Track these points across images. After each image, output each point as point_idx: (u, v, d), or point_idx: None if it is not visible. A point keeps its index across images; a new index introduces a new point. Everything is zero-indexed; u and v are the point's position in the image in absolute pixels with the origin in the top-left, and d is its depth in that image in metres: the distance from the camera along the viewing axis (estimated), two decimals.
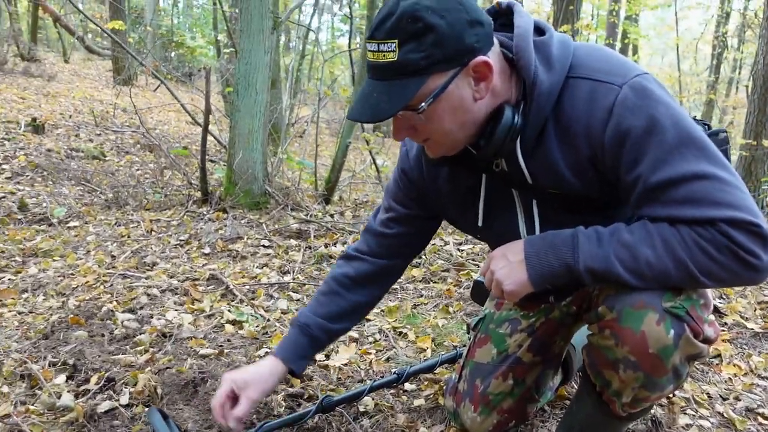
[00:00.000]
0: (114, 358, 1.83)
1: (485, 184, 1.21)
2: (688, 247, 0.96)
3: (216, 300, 2.52)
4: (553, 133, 1.06)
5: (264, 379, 1.30)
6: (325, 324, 1.37)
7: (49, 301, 2.59)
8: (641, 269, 1.00)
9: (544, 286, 1.10)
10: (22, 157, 5.39)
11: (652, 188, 0.98)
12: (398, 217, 1.37)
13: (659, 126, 0.97)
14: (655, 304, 1.02)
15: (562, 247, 1.06)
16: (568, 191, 1.10)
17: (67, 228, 3.93)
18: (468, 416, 1.44)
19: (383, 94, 0.99)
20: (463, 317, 2.29)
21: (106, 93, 9.82)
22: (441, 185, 1.27)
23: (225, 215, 4.09)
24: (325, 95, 5.62)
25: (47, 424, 1.46)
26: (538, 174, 1.11)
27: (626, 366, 1.08)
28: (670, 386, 1.10)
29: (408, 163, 1.32)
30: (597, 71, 1.03)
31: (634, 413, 1.21)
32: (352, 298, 1.40)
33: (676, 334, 1.02)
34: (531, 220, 1.19)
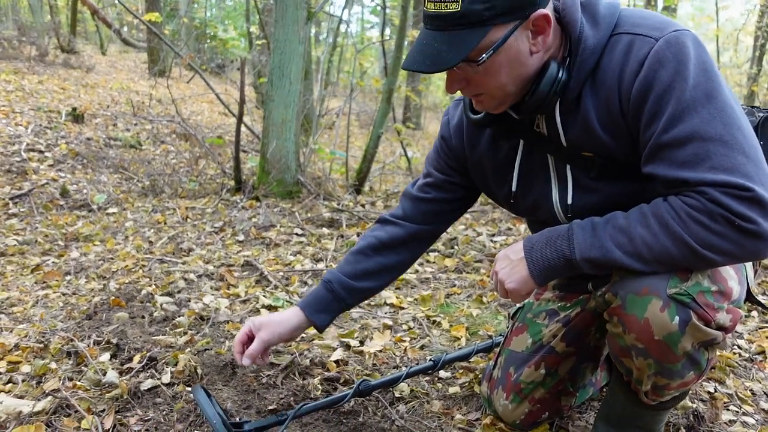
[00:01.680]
0: (155, 339, 1.88)
1: (522, 148, 1.22)
2: (682, 220, 0.94)
3: (251, 286, 2.56)
4: (590, 90, 1.07)
5: (280, 322, 1.34)
6: (346, 281, 1.38)
7: (91, 283, 2.67)
8: (640, 251, 0.99)
9: (546, 281, 1.11)
10: (63, 145, 5.55)
11: (660, 146, 0.98)
12: (436, 182, 1.39)
13: (683, 82, 0.96)
14: (659, 290, 1.00)
15: (558, 241, 1.07)
16: (601, 152, 1.10)
17: (106, 214, 4.04)
18: (500, 403, 1.43)
19: (444, 44, 1.00)
20: (498, 307, 2.27)
21: (141, 84, 10.03)
22: (480, 152, 1.29)
23: (258, 204, 4.15)
24: (357, 86, 5.62)
25: (94, 399, 1.50)
26: (573, 134, 1.10)
27: (637, 353, 1.08)
28: (689, 373, 1.08)
29: (448, 132, 1.34)
30: (638, 26, 1.03)
31: (664, 402, 1.19)
32: (379, 260, 1.40)
33: (682, 320, 0.99)
34: (564, 187, 1.18)
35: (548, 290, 1.48)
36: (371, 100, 11.67)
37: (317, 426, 1.45)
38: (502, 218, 3.62)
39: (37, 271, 2.87)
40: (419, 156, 7.48)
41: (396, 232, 1.40)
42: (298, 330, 1.38)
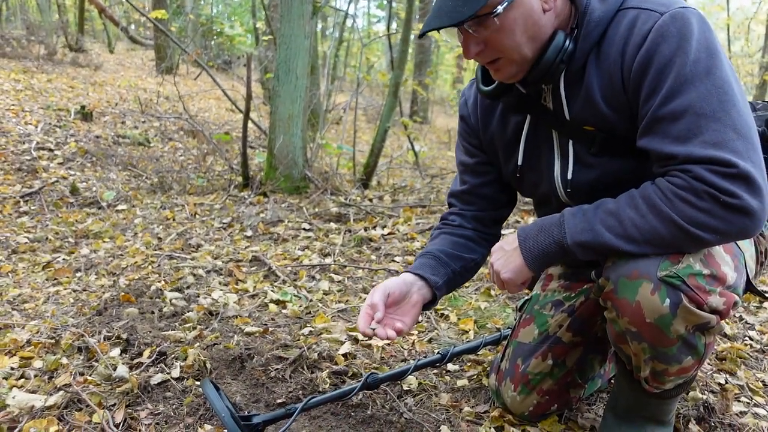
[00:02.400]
0: (164, 334, 1.89)
1: (528, 124, 1.24)
2: (668, 199, 0.96)
3: (259, 281, 2.57)
4: (594, 62, 1.08)
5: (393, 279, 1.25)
6: (446, 250, 1.34)
7: (101, 279, 2.69)
8: (629, 232, 1.00)
9: (541, 268, 1.13)
10: (72, 143, 5.59)
11: (656, 119, 0.99)
12: (469, 169, 1.40)
13: (684, 56, 0.97)
14: (649, 273, 1.01)
15: (550, 228, 1.09)
16: (602, 126, 1.11)
17: (115, 211, 4.07)
18: (508, 395, 1.43)
19: (459, 0, 1.02)
20: (506, 300, 2.27)
21: (149, 81, 10.07)
22: (492, 129, 1.31)
23: (266, 199, 4.16)
24: (364, 80, 5.61)
25: (105, 393, 1.52)
26: (577, 107, 1.12)
27: (631, 337, 1.09)
28: (687, 358, 1.08)
29: (467, 110, 1.37)
30: (645, 1, 1.05)
31: (667, 390, 1.19)
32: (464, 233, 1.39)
33: (673, 303, 1.00)
34: (565, 163, 1.19)
35: (554, 280, 1.48)
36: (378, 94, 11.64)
37: (326, 419, 1.46)
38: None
39: (48, 268, 2.90)
40: (426, 150, 7.46)
41: (460, 219, 1.41)
42: (412, 285, 1.25)
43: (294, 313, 2.16)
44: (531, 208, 3.74)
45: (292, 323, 2.07)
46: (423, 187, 4.79)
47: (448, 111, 16.42)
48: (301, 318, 2.13)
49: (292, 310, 2.18)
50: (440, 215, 1.47)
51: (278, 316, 2.15)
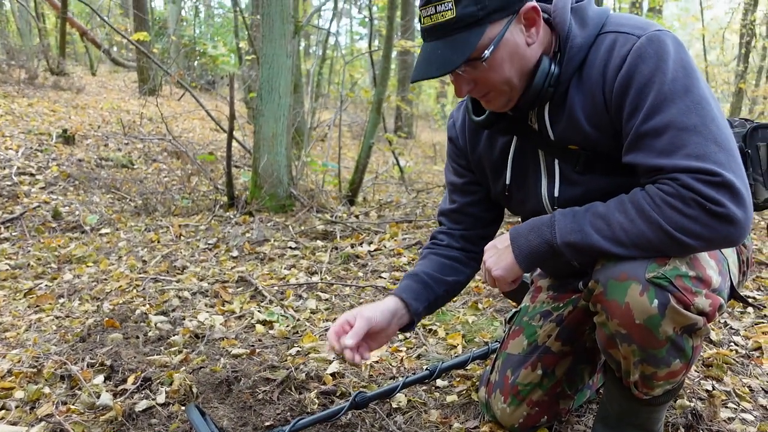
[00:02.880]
0: (149, 359, 1.87)
1: (515, 144, 1.27)
2: (657, 205, 0.99)
3: (246, 301, 2.55)
4: (576, 85, 1.13)
5: (378, 307, 1.26)
6: (432, 273, 1.36)
7: (85, 305, 2.65)
8: (617, 235, 1.03)
9: (531, 266, 1.15)
10: (54, 167, 5.53)
11: (640, 136, 1.03)
12: (458, 188, 1.43)
13: (662, 75, 1.01)
14: (637, 274, 1.03)
15: (541, 227, 1.11)
16: (586, 145, 1.15)
17: (99, 235, 4.02)
18: (498, 407, 1.43)
19: (447, 49, 1.06)
20: (493, 313, 2.27)
21: (132, 103, 10.03)
22: (480, 150, 1.34)
23: (251, 219, 4.14)
24: (347, 97, 5.64)
25: (88, 423, 1.49)
26: (560, 127, 1.16)
27: (621, 340, 1.11)
28: (675, 361, 1.10)
29: (455, 132, 1.40)
30: (622, 26, 1.10)
31: (656, 396, 1.19)
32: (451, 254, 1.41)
33: (661, 303, 1.02)
34: (552, 181, 1.23)
35: (543, 292, 1.49)
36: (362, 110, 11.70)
37: None
38: None
39: (30, 295, 2.85)
40: (412, 165, 7.50)
41: (449, 239, 1.43)
42: (395, 315, 1.28)
43: (281, 333, 2.15)
44: (518, 220, 3.76)
45: (279, 344, 2.05)
46: (409, 202, 4.81)
47: (433, 126, 16.54)
48: (289, 338, 2.12)
49: (279, 331, 2.16)
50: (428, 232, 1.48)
51: (265, 337, 2.13)
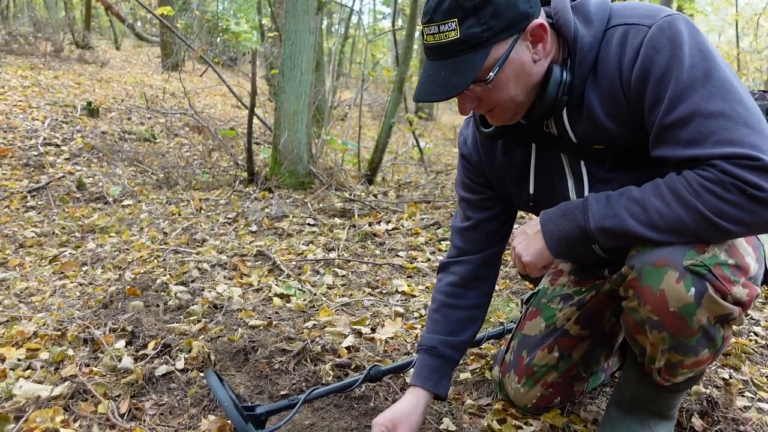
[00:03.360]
0: (169, 327, 1.91)
1: (535, 152, 1.23)
2: (695, 190, 0.96)
3: (263, 275, 2.58)
4: (592, 85, 1.09)
5: (410, 412, 1.27)
6: (450, 339, 1.34)
7: (107, 273, 2.71)
8: (654, 220, 1.00)
9: (563, 252, 1.12)
10: (79, 139, 5.62)
11: (664, 128, 1.00)
12: (473, 204, 1.38)
13: (679, 64, 0.98)
14: (675, 261, 1.00)
15: (574, 212, 1.08)
16: (611, 144, 1.11)
17: (121, 206, 4.09)
18: (512, 387, 1.44)
19: (451, 72, 1.03)
20: (509, 295, 2.27)
21: (155, 78, 10.10)
22: (497, 163, 1.30)
23: (270, 195, 4.17)
24: (369, 76, 5.61)
25: (110, 384, 1.53)
26: (582, 130, 1.12)
27: (651, 326, 1.08)
28: (704, 350, 1.08)
29: (467, 149, 1.35)
30: (630, 17, 1.06)
31: (677, 383, 1.19)
32: (466, 303, 1.38)
33: (698, 292, 1.00)
34: (580, 182, 1.19)
35: (564, 276, 1.48)
36: (383, 90, 11.62)
37: (328, 410, 1.47)
38: None
39: (54, 262, 2.92)
40: (431, 146, 7.46)
41: (463, 270, 1.39)
42: (426, 408, 1.32)
43: (298, 306, 2.17)
44: None
45: (296, 317, 2.08)
46: (428, 183, 4.79)
47: (453, 107, 16.38)
48: (305, 312, 2.14)
49: (296, 304, 2.19)
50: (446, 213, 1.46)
51: (282, 310, 2.16)
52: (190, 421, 1.40)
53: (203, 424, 1.38)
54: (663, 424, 1.29)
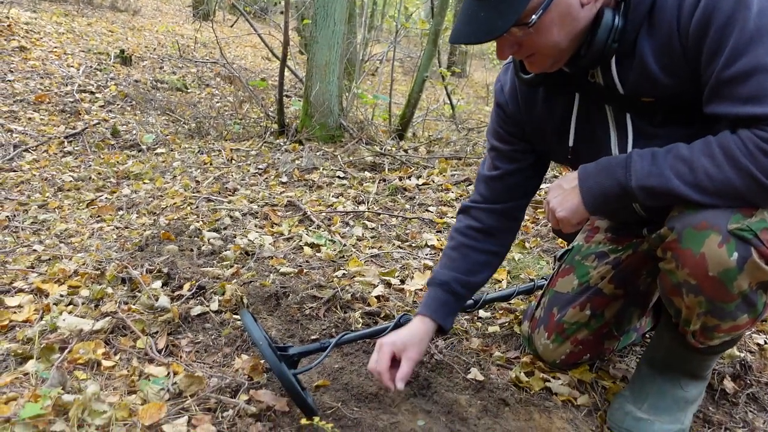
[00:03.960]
0: (203, 270, 1.95)
1: (578, 102, 1.17)
2: (749, 151, 0.91)
3: (294, 225, 2.60)
4: (646, 33, 1.02)
5: (419, 339, 1.27)
6: (462, 278, 1.33)
7: (142, 218, 2.77)
8: (701, 181, 0.95)
9: (599, 209, 1.08)
10: (113, 86, 5.67)
11: (722, 82, 0.93)
12: (503, 154, 1.34)
13: (745, 10, 0.90)
14: (719, 224, 0.96)
15: (615, 168, 1.04)
16: (661, 95, 1.05)
17: (155, 154, 4.14)
18: (541, 342, 1.44)
19: (492, 12, 0.97)
20: (540, 253, 2.25)
21: (186, 28, 10.04)
22: (537, 113, 1.24)
23: (301, 147, 4.16)
24: (403, 27, 5.47)
25: (148, 321, 1.58)
26: (631, 80, 1.06)
27: (688, 290, 1.05)
28: (743, 316, 1.05)
29: (503, 98, 1.30)
30: None
31: (712, 346, 1.16)
32: (484, 247, 1.36)
33: (741, 257, 0.96)
34: (624, 136, 1.13)
35: (600, 233, 1.45)
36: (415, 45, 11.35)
37: (357, 356, 1.49)
38: (551, 166, 3.53)
39: (91, 206, 3.00)
40: (463, 103, 7.31)
41: (485, 217, 1.37)
42: (429, 338, 1.32)
43: (328, 256, 2.19)
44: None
45: (326, 266, 2.10)
46: (459, 140, 4.72)
47: (487, 65, 15.94)
48: (335, 261, 2.16)
49: (326, 254, 2.21)
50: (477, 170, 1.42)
51: (312, 259, 2.18)
52: (224, 359, 1.45)
53: (236, 362, 1.42)
54: (695, 384, 1.28)
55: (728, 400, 1.41)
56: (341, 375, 1.40)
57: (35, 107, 4.83)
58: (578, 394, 1.37)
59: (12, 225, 2.66)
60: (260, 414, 1.19)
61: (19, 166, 3.65)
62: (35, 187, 3.28)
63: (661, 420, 1.24)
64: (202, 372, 1.35)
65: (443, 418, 1.26)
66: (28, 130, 4.30)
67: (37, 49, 6.17)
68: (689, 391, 1.27)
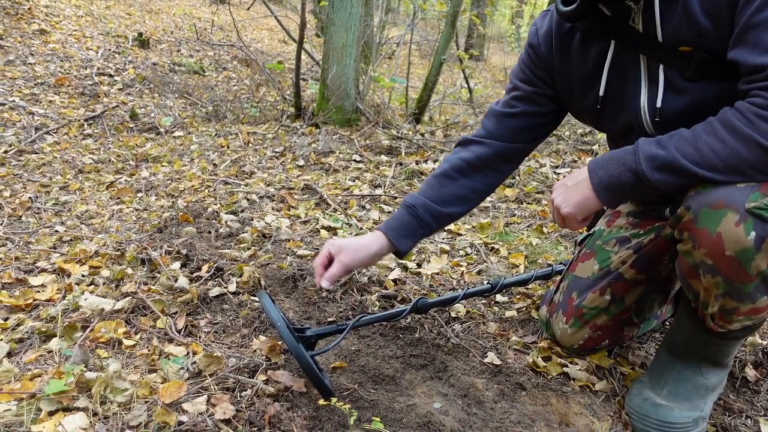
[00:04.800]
0: (221, 252, 1.96)
1: (613, 50, 1.16)
2: (749, 120, 0.91)
3: (311, 208, 2.61)
4: None
5: (361, 246, 1.27)
6: (433, 206, 1.31)
7: (161, 200, 2.80)
8: (708, 158, 0.95)
9: (613, 199, 1.08)
10: (131, 69, 5.70)
11: (748, 27, 0.92)
12: (523, 95, 1.33)
13: None
14: (736, 203, 0.95)
15: (624, 156, 1.04)
16: (700, 45, 1.02)
17: (172, 137, 4.17)
18: (559, 327, 1.42)
19: None
20: (558, 238, 2.22)
21: (203, 11, 10.03)
22: (569, 59, 1.23)
23: (317, 130, 4.16)
24: (420, 9, 5.40)
25: (167, 302, 1.60)
26: (672, 25, 1.04)
27: (705, 270, 1.04)
28: (762, 297, 1.03)
29: (537, 40, 1.29)
30: None
31: (733, 330, 1.15)
32: (466, 182, 1.34)
33: (758, 236, 0.94)
34: (654, 90, 1.12)
35: (622, 217, 1.43)
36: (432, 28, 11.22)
37: (374, 339, 1.50)
38: (567, 150, 3.49)
39: (111, 188, 3.04)
40: (481, 87, 7.23)
41: (482, 151, 1.34)
42: (379, 255, 1.31)
43: None
44: (587, 147, 3.59)
45: None
46: (476, 124, 4.67)
47: (505, 48, 15.72)
48: None
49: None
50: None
51: None
52: (242, 340, 1.46)
53: (254, 343, 1.43)
54: (716, 371, 1.26)
55: (749, 388, 1.39)
56: (358, 357, 1.41)
57: (56, 90, 4.88)
58: (596, 380, 1.36)
59: (34, 206, 2.70)
60: (278, 394, 1.21)
61: (40, 148, 3.70)
62: (56, 169, 3.33)
63: (680, 407, 1.23)
64: (221, 352, 1.37)
65: (459, 401, 1.26)
66: (49, 113, 4.35)
67: (56, 32, 6.22)
68: (710, 378, 1.25)
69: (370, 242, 1.30)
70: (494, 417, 1.20)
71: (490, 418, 1.20)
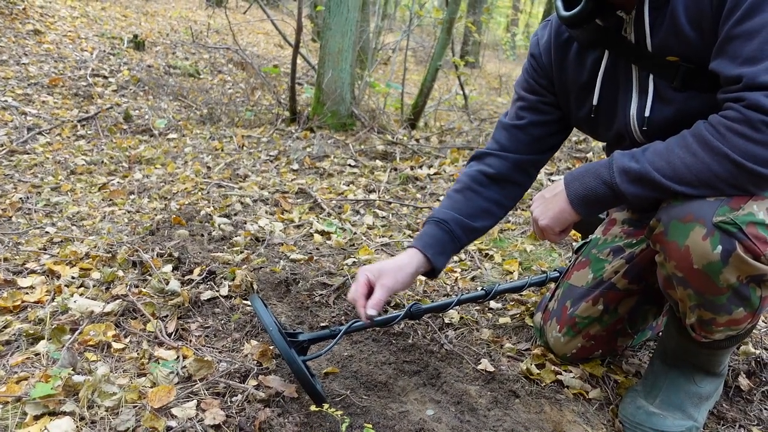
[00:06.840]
0: (213, 255, 1.95)
1: (606, 60, 1.17)
2: (720, 134, 0.91)
3: (305, 212, 2.60)
4: None
5: (400, 267, 1.22)
6: (462, 220, 1.28)
7: (153, 203, 2.78)
8: (680, 172, 0.96)
9: (588, 210, 1.09)
10: (126, 71, 5.67)
11: (729, 38, 0.93)
12: (529, 105, 1.33)
13: None
14: (705, 217, 0.96)
15: (599, 168, 1.05)
16: (687, 55, 1.04)
17: (166, 139, 4.15)
18: (552, 335, 1.42)
19: None
20: (552, 245, 2.22)
21: (199, 14, 10.02)
22: (567, 70, 1.25)
23: (312, 134, 4.15)
24: (416, 15, 5.41)
25: (158, 305, 1.58)
26: (660, 35, 1.05)
27: (677, 282, 1.06)
28: (737, 309, 1.04)
29: (538, 50, 1.31)
30: None
31: (717, 341, 1.15)
32: (489, 195, 1.32)
33: (725, 250, 0.95)
34: (643, 99, 1.13)
35: (617, 225, 1.43)
36: (428, 35, 11.27)
37: (367, 344, 1.49)
38: (561, 157, 3.49)
39: (103, 190, 3.01)
40: (476, 94, 7.25)
41: (498, 164, 1.33)
42: (417, 274, 1.26)
43: (338, 244, 2.18)
44: (581, 155, 3.60)
45: (336, 253, 2.09)
46: (471, 130, 4.68)
47: (500, 56, 15.80)
48: (345, 249, 2.15)
49: (337, 241, 2.20)
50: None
51: (323, 246, 2.18)
52: (234, 344, 1.45)
53: (246, 348, 1.42)
54: (709, 380, 1.26)
55: (743, 397, 1.39)
56: (350, 363, 1.39)
57: (49, 90, 4.85)
58: (590, 388, 1.35)
59: (25, 207, 2.67)
60: (269, 399, 1.19)
61: (32, 148, 3.67)
62: (48, 170, 3.30)
63: (673, 415, 1.22)
64: (212, 356, 1.35)
65: (452, 408, 1.25)
66: (41, 113, 4.32)
67: (51, 33, 6.19)
68: (703, 387, 1.25)
69: (408, 262, 1.24)
70: (487, 424, 1.19)
71: (483, 425, 1.19)
